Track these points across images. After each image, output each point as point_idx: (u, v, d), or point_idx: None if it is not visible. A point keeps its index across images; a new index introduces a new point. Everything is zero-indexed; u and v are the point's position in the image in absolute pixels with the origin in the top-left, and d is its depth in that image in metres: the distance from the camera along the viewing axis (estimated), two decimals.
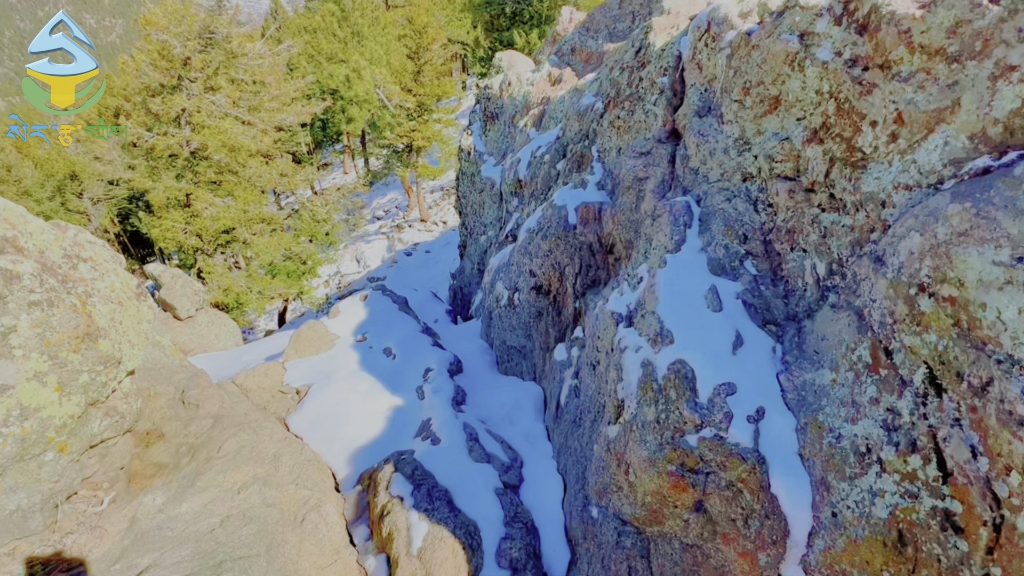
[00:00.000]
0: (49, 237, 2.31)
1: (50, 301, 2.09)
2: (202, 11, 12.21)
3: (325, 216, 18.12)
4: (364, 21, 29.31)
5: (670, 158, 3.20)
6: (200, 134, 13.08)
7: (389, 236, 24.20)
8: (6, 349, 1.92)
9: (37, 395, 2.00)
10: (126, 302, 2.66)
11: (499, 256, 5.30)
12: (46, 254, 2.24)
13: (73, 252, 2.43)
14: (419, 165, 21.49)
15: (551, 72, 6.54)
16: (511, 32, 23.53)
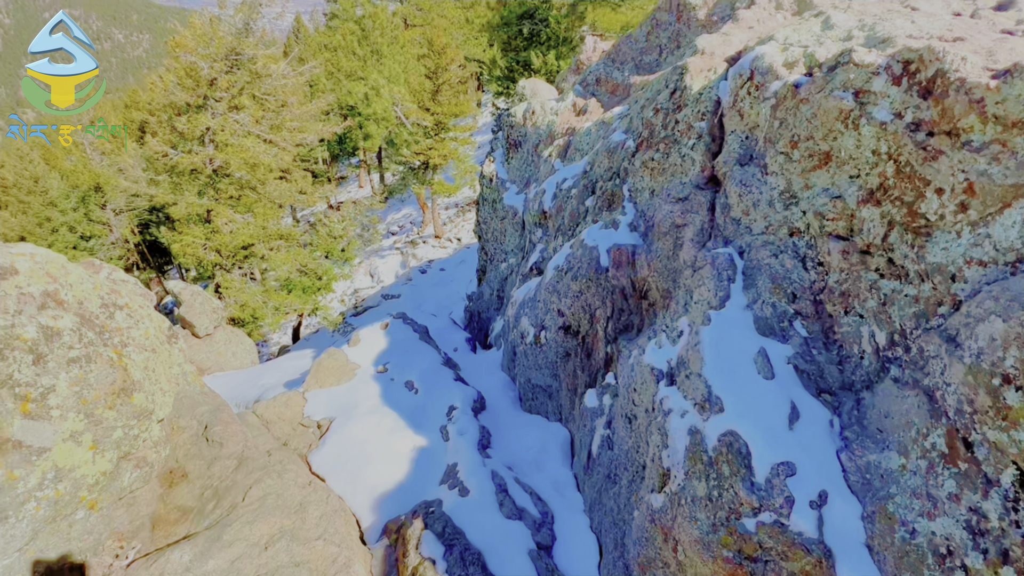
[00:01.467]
0: (88, 287, 2.30)
1: (88, 357, 2.06)
2: (230, 33, 12.49)
3: (341, 232, 18.27)
4: (383, 40, 29.87)
5: (709, 206, 3.13)
6: (223, 152, 13.30)
7: (403, 252, 24.31)
8: (44, 410, 1.89)
9: (72, 455, 1.96)
10: (159, 348, 2.63)
11: (524, 289, 5.23)
12: (84, 305, 2.22)
13: (110, 300, 2.41)
14: (435, 182, 21.65)
15: (576, 102, 6.54)
16: (528, 53, 23.79)
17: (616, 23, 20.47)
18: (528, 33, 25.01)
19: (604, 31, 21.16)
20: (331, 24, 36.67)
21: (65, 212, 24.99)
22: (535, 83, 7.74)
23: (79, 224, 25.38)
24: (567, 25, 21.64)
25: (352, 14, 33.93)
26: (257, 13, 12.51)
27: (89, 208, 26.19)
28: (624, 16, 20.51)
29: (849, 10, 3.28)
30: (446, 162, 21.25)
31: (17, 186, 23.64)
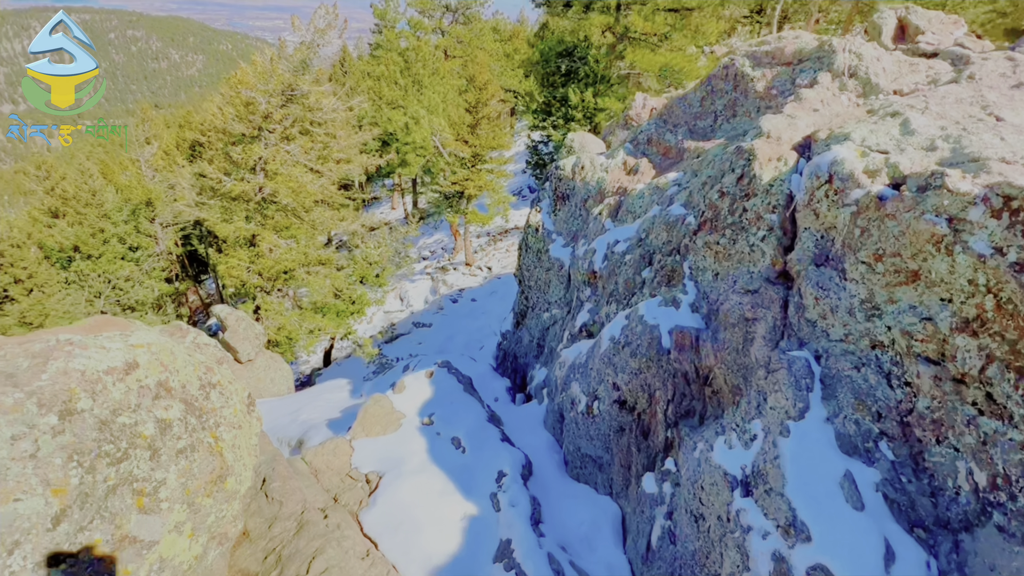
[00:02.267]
0: (190, 369, 2.44)
1: (192, 446, 2.17)
2: (288, 70, 13.17)
3: (377, 259, 18.70)
4: (425, 72, 30.90)
5: (782, 303, 3.13)
6: (273, 181, 13.89)
7: (434, 277, 24.65)
8: (156, 503, 2.00)
9: (174, 545, 2.05)
10: (243, 422, 2.74)
11: (573, 351, 5.25)
12: (187, 388, 2.35)
13: (206, 379, 2.54)
14: (469, 211, 22.03)
15: (627, 161, 6.63)
16: (566, 89, 24.28)
17: (655, 64, 20.78)
18: (566, 70, 25.55)
19: (642, 70, 21.49)
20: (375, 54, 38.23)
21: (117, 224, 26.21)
22: (583, 136, 7.89)
23: (129, 236, 26.56)
24: (605, 64, 22.06)
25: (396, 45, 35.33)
26: (315, 53, 13.19)
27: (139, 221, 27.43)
28: (663, 57, 20.82)
29: (927, 112, 3.29)
30: (480, 192, 21.65)
31: (76, 198, 24.93)
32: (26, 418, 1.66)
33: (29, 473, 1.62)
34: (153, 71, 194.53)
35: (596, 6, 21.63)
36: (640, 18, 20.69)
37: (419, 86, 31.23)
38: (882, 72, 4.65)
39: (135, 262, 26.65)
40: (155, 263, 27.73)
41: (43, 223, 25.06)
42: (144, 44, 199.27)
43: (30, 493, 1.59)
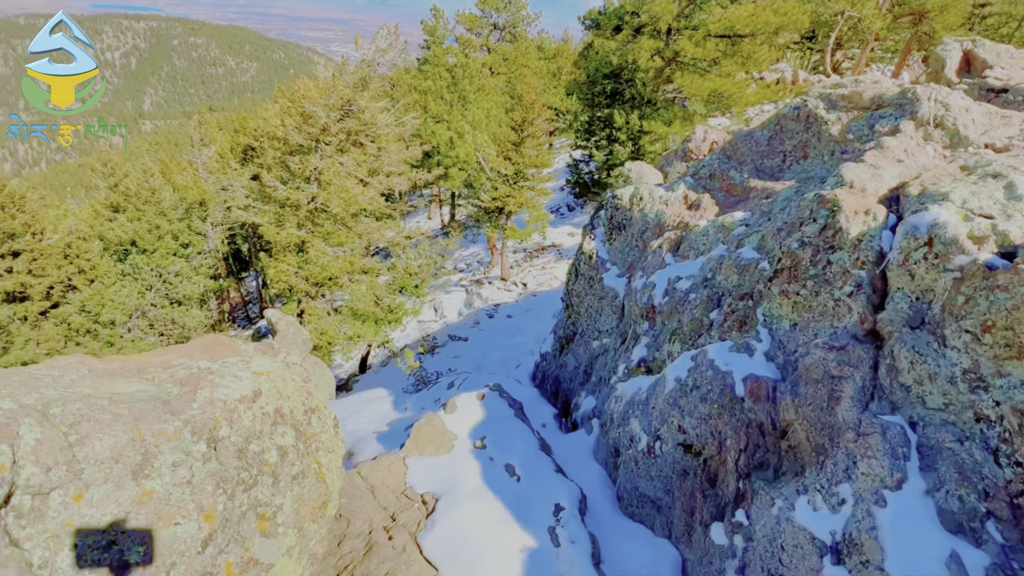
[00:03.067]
0: (297, 395, 2.57)
1: (303, 472, 2.29)
2: (348, 86, 13.73)
3: (417, 270, 19.06)
4: (471, 88, 31.58)
5: (872, 363, 3.07)
6: (325, 191, 14.41)
7: (468, 290, 24.91)
8: (273, 528, 2.12)
9: (285, 568, 2.16)
10: (335, 445, 2.86)
11: (631, 386, 5.24)
12: (295, 414, 2.48)
13: (308, 404, 2.67)
14: (508, 227, 22.24)
15: (687, 195, 6.62)
16: (611, 111, 24.39)
17: (703, 89, 20.69)
18: (611, 91, 25.69)
19: (690, 95, 21.42)
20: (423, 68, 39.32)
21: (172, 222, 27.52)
22: (641, 167, 7.92)
23: (182, 233, 27.84)
24: (652, 87, 22.08)
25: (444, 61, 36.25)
26: (374, 71, 13.72)
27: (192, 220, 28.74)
28: (712, 83, 20.72)
29: None
30: (520, 209, 21.84)
31: (137, 195, 26.30)
32: (183, 445, 1.80)
33: (187, 499, 1.75)
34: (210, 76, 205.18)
35: (646, 30, 21.73)
36: (691, 43, 20.67)
37: (464, 102, 31.93)
38: (971, 123, 4.54)
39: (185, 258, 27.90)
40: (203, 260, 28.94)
41: (105, 217, 26.53)
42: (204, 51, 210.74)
43: (187, 518, 1.72)
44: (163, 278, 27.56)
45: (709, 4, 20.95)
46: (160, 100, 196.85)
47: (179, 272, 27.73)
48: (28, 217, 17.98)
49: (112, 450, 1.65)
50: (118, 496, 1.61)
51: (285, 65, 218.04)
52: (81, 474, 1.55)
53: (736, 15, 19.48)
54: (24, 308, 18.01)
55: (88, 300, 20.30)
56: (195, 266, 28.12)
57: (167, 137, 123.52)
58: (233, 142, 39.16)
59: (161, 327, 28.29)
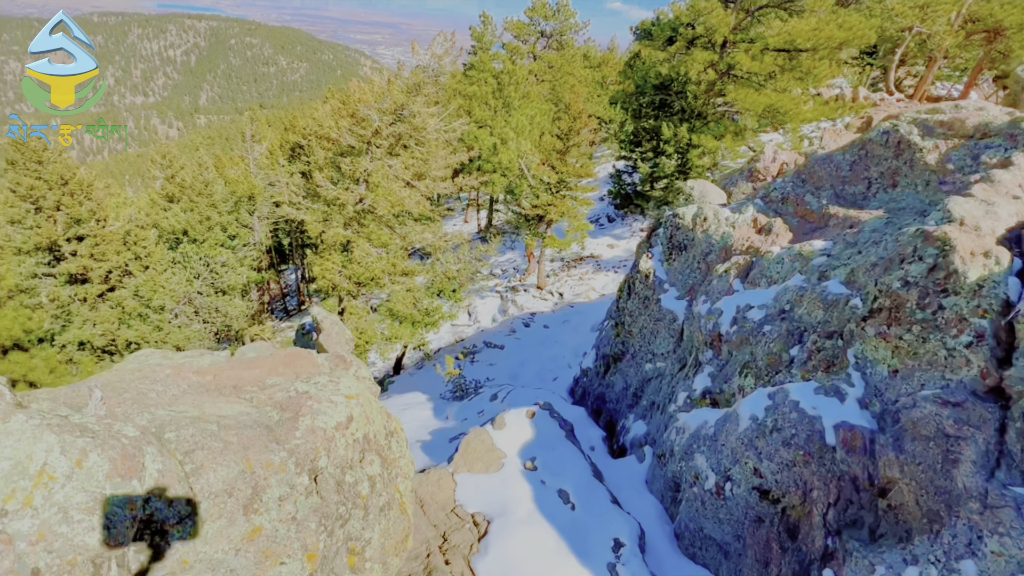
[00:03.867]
0: (380, 418, 2.49)
1: (388, 503, 2.20)
2: (401, 91, 13.92)
3: (456, 274, 19.12)
4: (516, 95, 31.65)
5: (997, 425, 2.77)
6: (373, 192, 14.62)
7: (504, 296, 24.86)
8: (361, 563, 2.04)
9: None
10: (409, 469, 2.77)
11: (695, 418, 4.99)
12: (377, 439, 2.40)
13: (389, 427, 2.59)
14: (547, 236, 22.10)
15: (757, 219, 6.33)
16: (659, 122, 23.98)
17: (758, 104, 20.07)
18: (659, 102, 25.27)
19: (744, 110, 20.81)
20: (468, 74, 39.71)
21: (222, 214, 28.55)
22: (704, 185, 7.65)
23: (230, 226, 28.84)
24: (704, 100, 21.57)
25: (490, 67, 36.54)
26: (429, 77, 13.86)
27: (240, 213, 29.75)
28: (767, 98, 20.08)
29: None
30: (562, 218, 21.67)
31: (192, 187, 27.39)
32: (288, 478, 1.73)
33: (292, 536, 1.68)
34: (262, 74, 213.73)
35: (700, 42, 21.27)
36: (747, 57, 20.10)
37: (508, 108, 32.04)
38: None
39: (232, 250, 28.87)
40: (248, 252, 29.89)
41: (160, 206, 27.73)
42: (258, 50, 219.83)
43: (292, 557, 1.65)
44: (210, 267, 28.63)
45: (768, 17, 20.37)
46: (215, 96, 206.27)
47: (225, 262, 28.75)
48: (94, 204, 18.91)
49: (225, 482, 1.59)
50: (230, 533, 1.55)
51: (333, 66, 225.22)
52: (198, 508, 1.50)
53: (797, 29, 18.84)
54: (84, 290, 18.93)
55: (142, 286, 21.20)
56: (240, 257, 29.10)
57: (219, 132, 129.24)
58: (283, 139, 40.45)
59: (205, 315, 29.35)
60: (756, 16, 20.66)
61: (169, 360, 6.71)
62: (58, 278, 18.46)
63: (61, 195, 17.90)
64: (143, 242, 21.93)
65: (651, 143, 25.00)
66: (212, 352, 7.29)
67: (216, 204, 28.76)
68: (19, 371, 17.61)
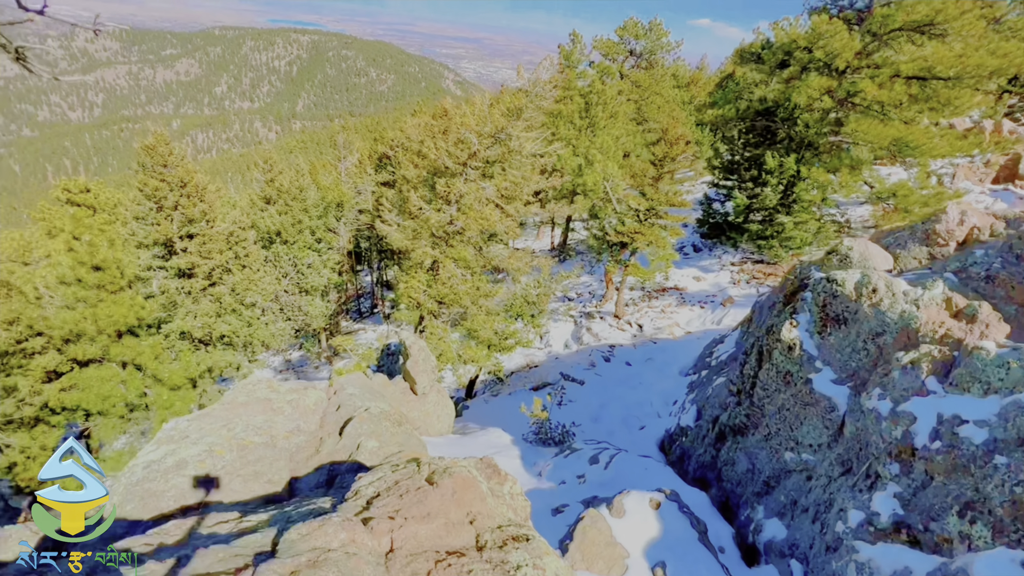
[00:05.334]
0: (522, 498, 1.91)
1: None
2: (502, 114, 13.71)
3: (536, 299, 18.61)
4: (603, 115, 30.97)
5: None
6: (464, 215, 14.46)
7: (578, 322, 24.05)
8: None
9: None
10: None
11: (888, 558, 4.01)
12: None
13: None
14: (630, 264, 21.08)
15: (951, 299, 5.21)
16: (760, 151, 22.36)
17: (883, 137, 18.06)
18: (762, 129, 23.61)
19: (866, 143, 18.80)
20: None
21: (312, 218, 30.00)
22: (866, 245, 6.55)
23: (318, 230, 30.23)
24: (817, 130, 19.76)
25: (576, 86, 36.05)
26: (531, 101, 13.55)
27: (328, 218, 31.14)
28: (894, 130, 18.02)
29: None
30: (648, 247, 20.59)
31: (288, 192, 28.95)
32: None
33: None
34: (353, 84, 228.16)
35: (815, 66, 19.56)
36: (873, 84, 18.20)
37: (594, 128, 31.40)
38: None
39: (318, 252, 30.21)
40: (332, 256, 31.16)
41: (258, 207, 29.53)
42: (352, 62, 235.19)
43: None
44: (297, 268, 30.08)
45: (898, 41, 18.34)
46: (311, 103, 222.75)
47: (311, 264, 30.12)
48: (206, 206, 20.26)
49: None
50: None
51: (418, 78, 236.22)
52: None
53: (938, 55, 16.76)
54: (190, 284, 20.26)
55: (238, 283, 22.45)
56: (324, 260, 30.39)
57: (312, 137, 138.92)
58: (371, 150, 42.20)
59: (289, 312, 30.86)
60: (885, 40, 18.70)
61: (276, 394, 6.61)
62: (169, 271, 19.88)
63: (179, 196, 19.29)
64: (243, 243, 23.24)
65: (749, 171, 23.37)
66: (315, 387, 7.17)
67: (308, 209, 30.24)
68: (129, 354, 19.04)
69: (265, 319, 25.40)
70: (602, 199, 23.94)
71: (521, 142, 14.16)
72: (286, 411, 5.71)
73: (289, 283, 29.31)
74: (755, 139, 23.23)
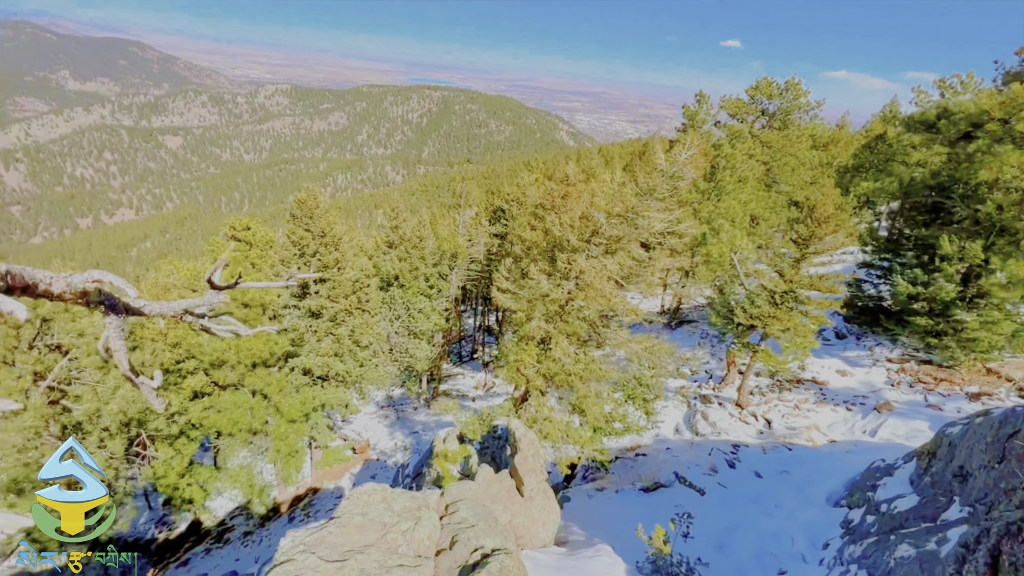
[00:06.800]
0: None
1: None
2: (632, 193, 13.09)
3: (650, 382, 17.13)
4: (731, 179, 29.13)
5: None
6: (584, 292, 13.80)
7: (692, 404, 21.83)
8: None
9: None
10: None
11: None
12: None
13: None
14: (760, 349, 18.71)
15: None
16: (932, 230, 19.10)
17: None
18: (931, 204, 20.29)
19: None
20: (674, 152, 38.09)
21: (427, 265, 31.41)
22: None
23: (432, 277, 31.52)
24: (1015, 214, 16.34)
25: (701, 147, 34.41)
26: (666, 182, 12.78)
27: (442, 267, 32.42)
28: None
29: None
30: (784, 334, 18.17)
31: (409, 240, 30.68)
32: None
33: None
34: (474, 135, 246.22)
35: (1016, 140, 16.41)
36: None
37: (719, 192, 29.55)
38: None
39: (429, 298, 31.32)
40: (441, 302, 32.12)
41: (381, 251, 31.58)
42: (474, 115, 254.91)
43: None
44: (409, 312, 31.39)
45: None
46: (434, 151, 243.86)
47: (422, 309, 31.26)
48: (339, 255, 21.93)
49: None
50: None
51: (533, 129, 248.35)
52: None
53: None
54: (317, 324, 21.78)
55: (358, 326, 23.75)
56: (434, 306, 31.40)
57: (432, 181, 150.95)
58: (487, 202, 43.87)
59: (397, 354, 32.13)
60: None
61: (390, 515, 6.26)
62: (301, 310, 21.61)
63: (319, 245, 21.11)
64: (365, 290, 24.71)
65: (914, 252, 20.02)
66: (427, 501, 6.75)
67: (425, 257, 31.75)
68: (260, 384, 20.71)
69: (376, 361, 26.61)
70: (729, 273, 21.95)
71: (651, 221, 13.33)
72: (400, 547, 5.24)
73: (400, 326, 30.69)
74: (922, 217, 20.00)
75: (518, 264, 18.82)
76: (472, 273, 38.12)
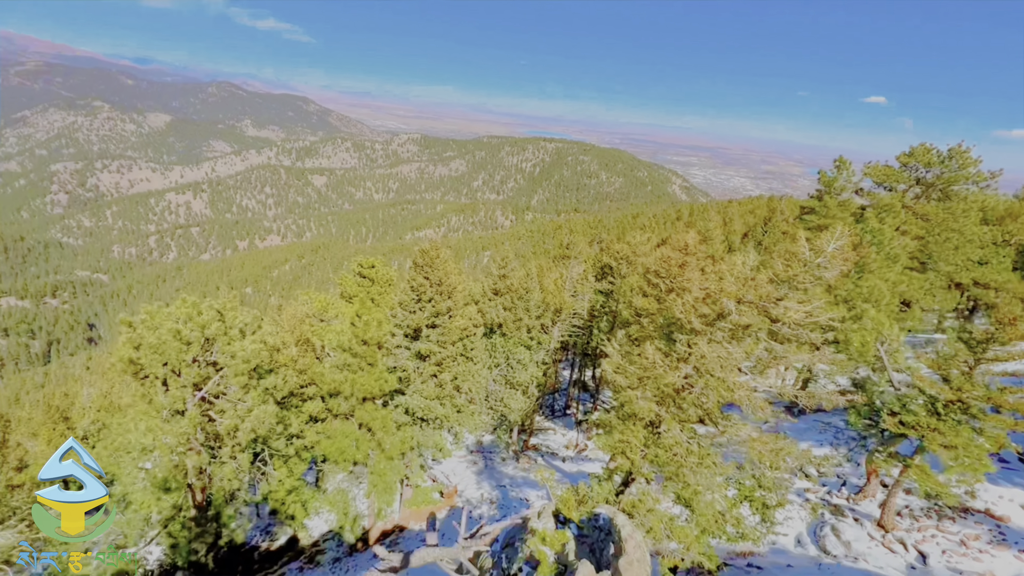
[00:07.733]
0: None
1: None
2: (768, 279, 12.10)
3: (771, 485, 15.18)
4: (878, 257, 25.99)
5: None
6: (702, 378, 12.81)
7: (819, 513, 18.91)
8: None
9: None
10: None
11: None
12: None
13: None
14: (915, 464, 15.77)
15: None
16: None
17: None
18: None
19: None
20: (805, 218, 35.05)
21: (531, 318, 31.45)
22: None
23: (534, 328, 31.55)
24: None
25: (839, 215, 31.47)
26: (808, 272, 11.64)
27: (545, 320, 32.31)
28: None
29: None
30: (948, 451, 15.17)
31: (516, 291, 31.24)
32: None
33: None
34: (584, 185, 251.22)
35: None
36: None
37: (862, 271, 26.37)
38: None
39: (529, 349, 31.27)
40: (541, 355, 31.89)
41: (487, 296, 32.40)
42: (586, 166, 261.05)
43: None
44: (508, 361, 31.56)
45: None
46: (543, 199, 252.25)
47: (521, 360, 31.28)
48: (451, 303, 22.92)
49: None
50: None
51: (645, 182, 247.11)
52: None
53: None
54: (424, 365, 22.73)
55: (460, 372, 24.37)
56: (533, 357, 31.28)
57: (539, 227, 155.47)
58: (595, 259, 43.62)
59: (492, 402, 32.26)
60: None
61: None
62: (411, 352, 22.75)
63: (435, 293, 22.30)
64: (471, 338, 25.42)
65: None
66: None
67: (529, 308, 32.04)
68: (366, 418, 21.85)
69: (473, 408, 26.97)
70: (874, 366, 19.14)
71: (786, 311, 12.13)
72: None
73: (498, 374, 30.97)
74: None
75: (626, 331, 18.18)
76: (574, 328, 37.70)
